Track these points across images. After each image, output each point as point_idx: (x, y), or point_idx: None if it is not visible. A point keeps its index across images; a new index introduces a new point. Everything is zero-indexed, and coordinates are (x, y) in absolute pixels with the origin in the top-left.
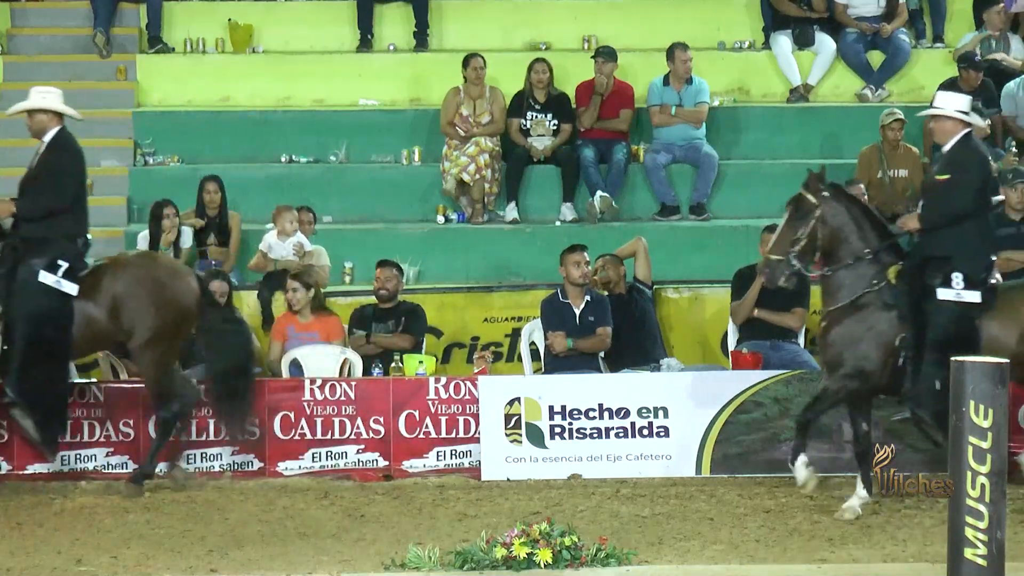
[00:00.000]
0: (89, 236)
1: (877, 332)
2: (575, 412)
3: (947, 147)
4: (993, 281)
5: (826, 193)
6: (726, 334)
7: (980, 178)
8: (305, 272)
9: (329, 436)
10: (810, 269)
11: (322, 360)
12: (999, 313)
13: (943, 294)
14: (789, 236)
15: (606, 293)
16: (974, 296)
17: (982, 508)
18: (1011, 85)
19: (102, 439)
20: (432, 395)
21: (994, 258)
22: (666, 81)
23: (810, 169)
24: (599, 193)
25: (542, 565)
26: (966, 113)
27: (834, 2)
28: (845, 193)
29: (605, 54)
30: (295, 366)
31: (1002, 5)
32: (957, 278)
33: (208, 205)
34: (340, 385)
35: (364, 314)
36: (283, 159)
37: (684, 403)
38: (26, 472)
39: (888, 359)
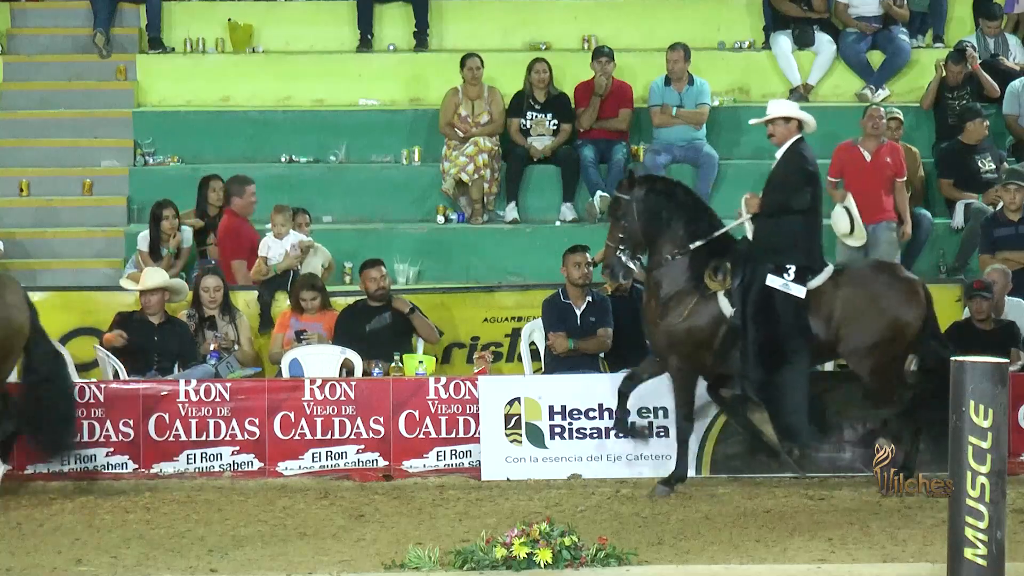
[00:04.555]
0: None
1: None
2: (575, 412)
3: None
4: None
5: None
6: None
7: None
8: (310, 277)
9: (329, 436)
10: None
11: (322, 360)
12: None
13: None
14: None
15: (608, 293)
16: None
17: (982, 508)
18: (1016, 84)
19: (102, 439)
20: (432, 395)
21: None
22: (667, 81)
23: None
24: (599, 193)
25: (542, 565)
26: None
27: (835, 2)
28: None
29: (604, 54)
30: (295, 366)
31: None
32: None
33: (214, 204)
34: (340, 385)
35: (356, 310)
36: (283, 159)
37: None
38: (26, 472)
39: None
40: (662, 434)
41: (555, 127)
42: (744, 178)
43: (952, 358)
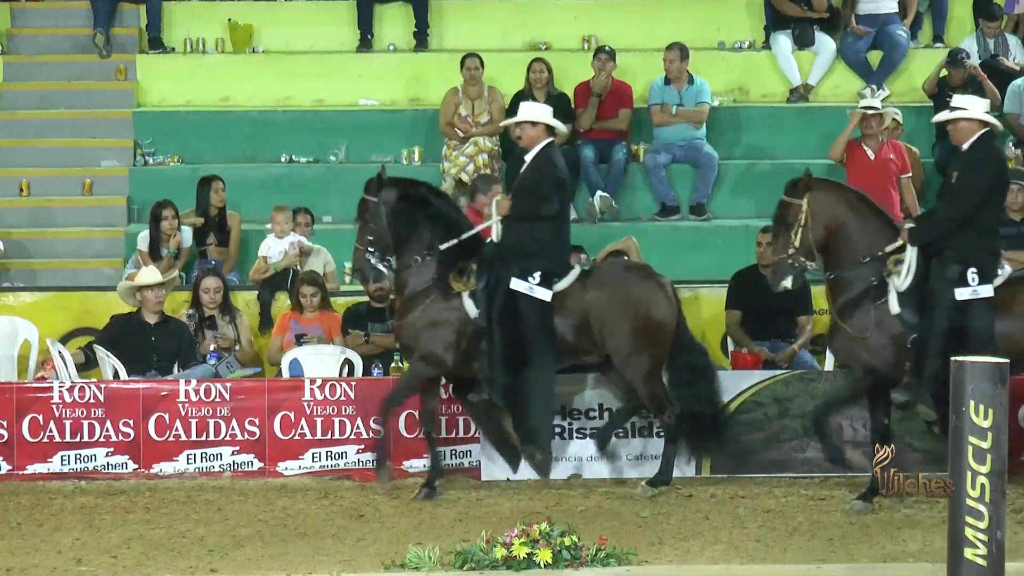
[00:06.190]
0: None
1: None
2: (575, 412)
3: None
4: None
5: None
6: (726, 334)
7: None
8: (311, 273)
9: (329, 436)
10: None
11: (322, 360)
12: None
13: None
14: None
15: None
16: None
17: (982, 508)
18: (1017, 83)
19: (102, 439)
20: None
21: None
22: (667, 81)
23: None
24: (599, 193)
25: (542, 565)
26: None
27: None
28: None
29: (605, 53)
30: (295, 366)
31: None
32: None
33: (216, 204)
34: (340, 385)
35: (359, 313)
36: (283, 159)
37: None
38: (26, 472)
39: None
40: (662, 434)
41: None
42: (744, 178)
43: (953, 359)
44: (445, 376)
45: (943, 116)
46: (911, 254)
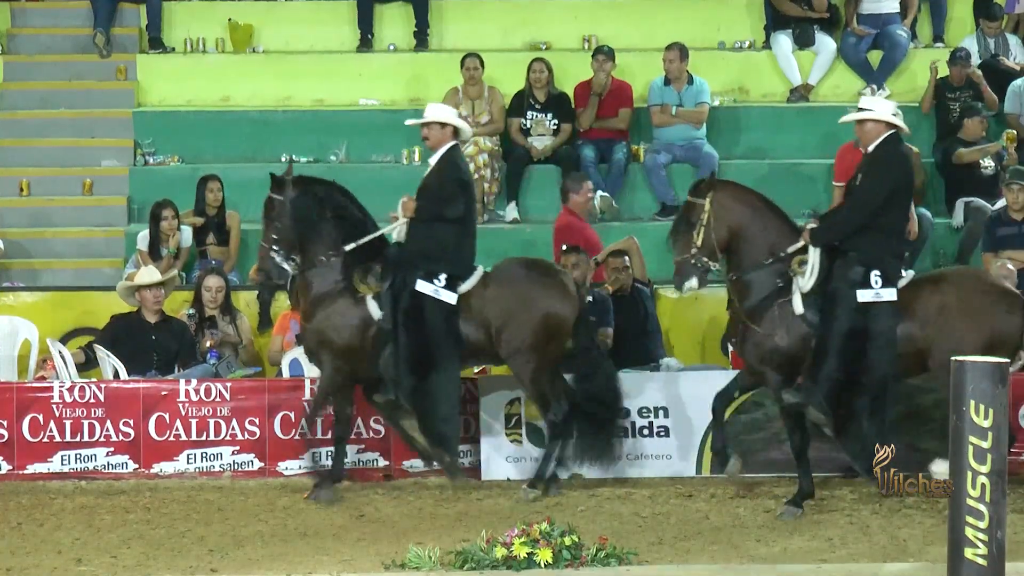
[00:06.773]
0: None
1: None
2: None
3: None
4: None
5: None
6: (726, 334)
7: None
8: None
9: (329, 436)
10: None
11: None
12: None
13: None
14: None
15: (610, 292)
16: None
17: (982, 508)
18: (1017, 83)
19: (102, 439)
20: None
21: None
22: (666, 81)
23: None
24: (599, 193)
25: (542, 565)
26: None
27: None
28: None
29: (603, 53)
30: (295, 366)
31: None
32: None
33: (211, 204)
34: None
35: None
36: (283, 159)
37: (684, 403)
38: (26, 472)
39: None
40: (662, 434)
41: (555, 127)
42: (744, 178)
43: (954, 358)
44: (354, 376)
45: (849, 117)
46: (815, 255)
